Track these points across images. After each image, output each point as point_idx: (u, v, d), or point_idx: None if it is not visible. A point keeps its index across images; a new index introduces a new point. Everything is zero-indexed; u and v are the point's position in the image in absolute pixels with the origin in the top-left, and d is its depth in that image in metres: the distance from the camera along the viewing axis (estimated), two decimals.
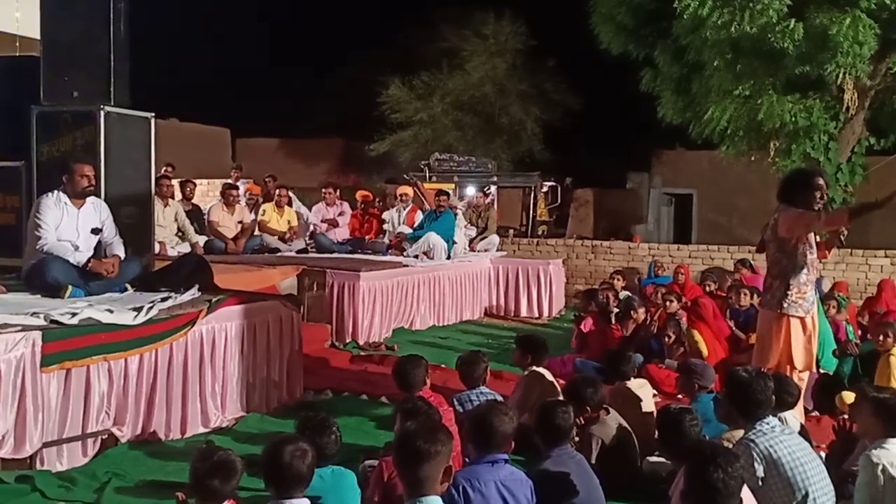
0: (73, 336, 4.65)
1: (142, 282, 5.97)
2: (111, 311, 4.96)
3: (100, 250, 5.96)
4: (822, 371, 6.88)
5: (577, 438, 4.46)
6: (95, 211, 5.93)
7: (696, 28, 12.66)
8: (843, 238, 5.29)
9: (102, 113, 6.31)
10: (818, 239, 5.32)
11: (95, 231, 5.90)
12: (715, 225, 20.97)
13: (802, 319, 5.16)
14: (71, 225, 5.78)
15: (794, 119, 12.63)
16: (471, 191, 15.91)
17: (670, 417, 4.06)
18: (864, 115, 13.31)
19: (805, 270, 5.14)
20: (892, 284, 9.34)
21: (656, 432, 4.37)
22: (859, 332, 8.07)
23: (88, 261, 5.72)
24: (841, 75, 11.89)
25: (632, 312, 7.87)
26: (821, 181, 5.20)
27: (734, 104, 13.09)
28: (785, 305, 5.13)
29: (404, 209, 11.29)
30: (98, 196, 6.08)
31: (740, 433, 3.89)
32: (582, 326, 7.89)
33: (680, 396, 6.13)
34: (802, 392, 5.17)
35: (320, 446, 3.48)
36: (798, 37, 11.62)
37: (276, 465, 3.06)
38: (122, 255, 5.91)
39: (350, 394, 6.52)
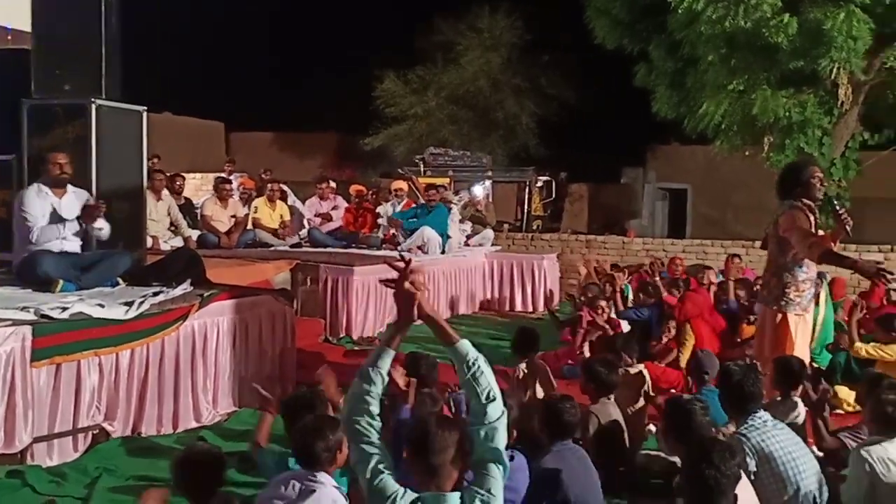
0: (63, 331, 4.64)
1: (133, 276, 5.97)
2: (102, 306, 4.94)
3: (91, 241, 5.96)
4: (815, 365, 6.89)
5: None
6: (78, 199, 5.94)
7: (690, 23, 12.65)
8: (849, 230, 5.18)
9: (94, 106, 6.28)
10: (822, 232, 5.28)
11: (80, 218, 5.90)
12: (709, 219, 20.98)
13: (800, 317, 5.17)
14: (55, 214, 5.79)
15: (788, 114, 12.63)
16: (477, 191, 15.85)
17: (681, 406, 3.88)
18: (858, 110, 13.30)
19: (804, 268, 5.13)
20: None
21: (656, 424, 4.34)
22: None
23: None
24: (835, 70, 11.89)
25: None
26: (818, 171, 5.21)
27: (728, 99, 13.08)
28: (782, 303, 5.13)
29: (399, 203, 11.27)
30: (89, 190, 6.06)
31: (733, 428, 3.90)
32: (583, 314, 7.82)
33: (672, 391, 6.14)
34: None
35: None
36: (792, 32, 11.61)
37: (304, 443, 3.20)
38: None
39: (344, 388, 6.49)
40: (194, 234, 9.61)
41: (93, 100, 6.29)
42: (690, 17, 12.42)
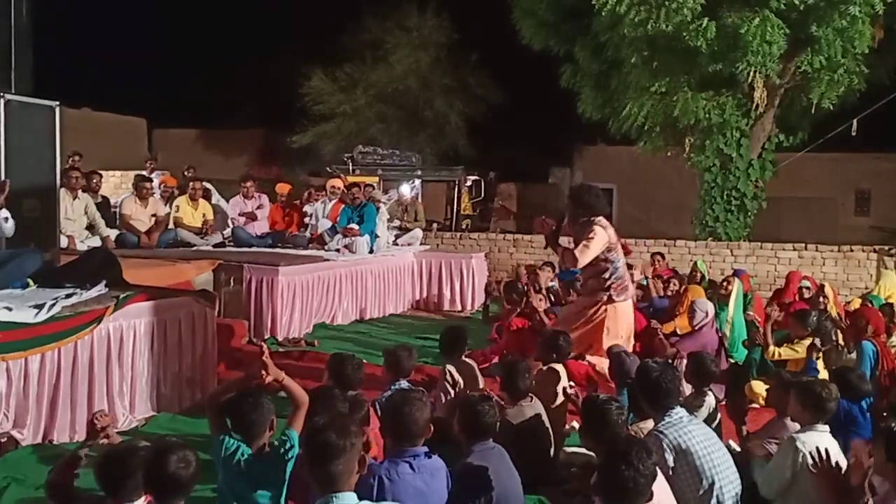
0: None
1: (45, 277, 5.73)
2: (10, 309, 4.74)
3: None
4: (731, 361, 7.11)
5: None
6: None
7: (614, 25, 12.89)
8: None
9: (3, 101, 6.07)
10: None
11: None
12: (634, 219, 21.41)
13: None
14: None
15: (707, 116, 12.99)
16: (405, 189, 15.81)
17: (596, 406, 3.92)
18: (773, 113, 13.77)
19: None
20: (800, 276, 9.68)
21: (574, 423, 4.38)
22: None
23: None
24: (751, 73, 12.29)
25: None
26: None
27: (651, 101, 13.39)
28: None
29: (330, 202, 11.12)
30: None
31: (650, 424, 3.96)
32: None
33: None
34: None
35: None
36: (711, 35, 11.93)
37: (159, 473, 2.92)
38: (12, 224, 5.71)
39: (268, 391, 6.38)
40: (113, 233, 9.32)
41: (2, 94, 6.06)
42: (614, 20, 12.66)
